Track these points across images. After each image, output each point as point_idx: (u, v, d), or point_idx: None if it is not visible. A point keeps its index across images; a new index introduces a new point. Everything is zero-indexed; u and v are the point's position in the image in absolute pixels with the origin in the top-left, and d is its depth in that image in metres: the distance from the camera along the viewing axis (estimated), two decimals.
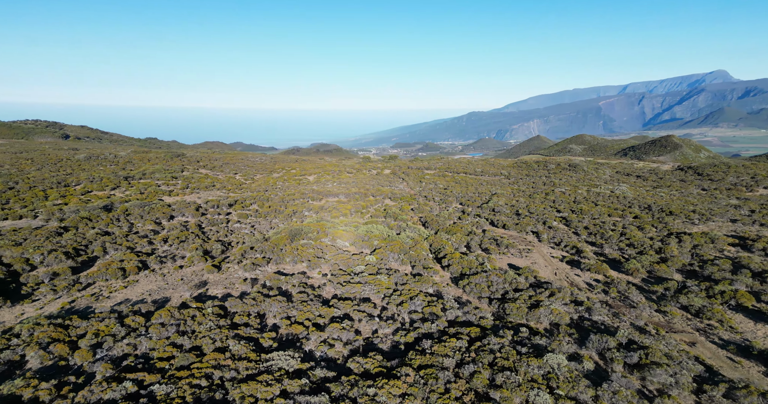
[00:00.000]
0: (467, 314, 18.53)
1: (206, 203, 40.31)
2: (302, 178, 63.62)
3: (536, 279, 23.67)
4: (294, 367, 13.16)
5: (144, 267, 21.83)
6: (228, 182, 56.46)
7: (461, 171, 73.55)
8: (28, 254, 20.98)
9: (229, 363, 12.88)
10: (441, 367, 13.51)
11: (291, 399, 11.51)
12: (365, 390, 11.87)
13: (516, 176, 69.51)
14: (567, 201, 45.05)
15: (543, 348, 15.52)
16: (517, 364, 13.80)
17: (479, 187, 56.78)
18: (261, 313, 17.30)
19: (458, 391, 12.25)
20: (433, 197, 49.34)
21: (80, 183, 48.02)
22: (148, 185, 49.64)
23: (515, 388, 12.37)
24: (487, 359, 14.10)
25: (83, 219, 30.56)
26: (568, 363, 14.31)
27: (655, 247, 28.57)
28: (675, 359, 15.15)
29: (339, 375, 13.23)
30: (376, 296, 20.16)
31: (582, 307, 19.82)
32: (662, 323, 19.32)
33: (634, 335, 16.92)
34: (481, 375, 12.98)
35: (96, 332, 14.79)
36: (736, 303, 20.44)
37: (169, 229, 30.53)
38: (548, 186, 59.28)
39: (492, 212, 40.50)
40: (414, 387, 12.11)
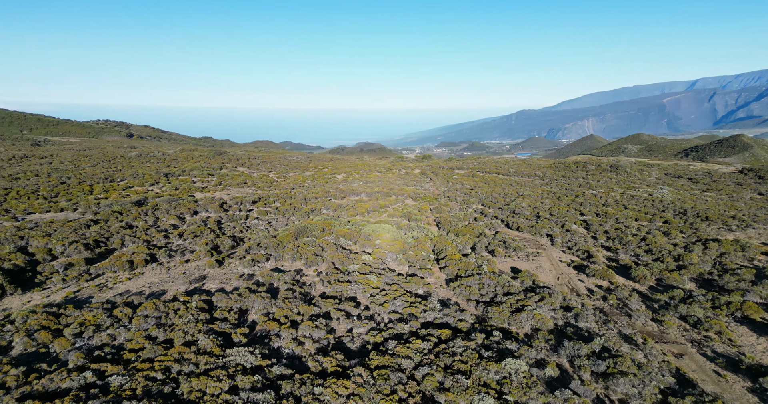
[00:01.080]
0: (447, 316, 18.28)
1: (232, 200, 42.08)
2: (331, 177, 64.74)
3: (534, 283, 23.09)
4: (253, 363, 13.55)
5: (152, 260, 23.23)
6: (260, 180, 58.50)
7: (494, 171, 71.77)
8: (52, 245, 23.01)
9: (191, 357, 13.47)
10: (397, 368, 13.45)
11: (237, 395, 11.85)
12: (312, 389, 12.03)
13: (551, 177, 66.82)
14: (596, 204, 42.87)
15: (509, 353, 15.20)
16: (473, 368, 13.54)
17: (507, 188, 55.20)
18: (244, 309, 17.91)
19: (404, 393, 12.19)
20: (455, 197, 48.60)
21: (124, 179, 51.75)
22: (183, 181, 52.60)
23: (462, 392, 12.15)
24: (445, 362, 13.93)
25: (114, 213, 32.96)
26: (528, 369, 14.03)
27: (674, 254, 26.98)
28: (645, 369, 14.44)
29: (297, 372, 13.45)
30: (363, 295, 20.30)
31: (570, 313, 19.22)
32: (654, 332, 18.46)
33: (609, 343, 16.34)
34: (432, 378, 12.83)
35: (82, 322, 15.52)
36: (742, 315, 19.16)
37: (189, 224, 32.22)
38: (583, 188, 56.64)
39: (512, 213, 39.33)
40: (362, 388, 12.15)
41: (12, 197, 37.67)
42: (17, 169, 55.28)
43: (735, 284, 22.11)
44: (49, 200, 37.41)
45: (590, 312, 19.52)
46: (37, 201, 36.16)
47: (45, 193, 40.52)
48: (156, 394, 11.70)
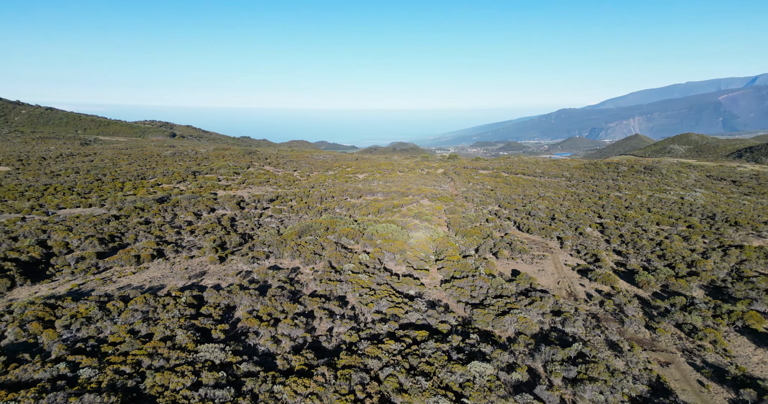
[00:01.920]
0: (430, 317, 18.17)
1: (251, 198, 43.35)
2: (353, 176, 65.33)
3: (531, 287, 22.77)
4: (223, 360, 13.90)
5: (159, 255, 24.33)
6: (283, 179, 59.86)
7: (519, 172, 70.10)
8: (69, 239, 24.58)
9: (164, 351, 13.88)
10: (362, 369, 13.52)
11: (196, 391, 12.20)
12: (272, 387, 12.27)
13: (578, 178, 64.50)
14: (618, 206, 41.16)
15: (481, 356, 15.13)
16: (437, 370, 13.43)
17: (529, 189, 53.82)
18: (232, 305, 18.44)
19: (362, 394, 12.24)
20: (473, 198, 47.94)
21: (155, 177, 54.39)
22: (209, 179, 54.63)
23: (418, 394, 12.11)
24: (412, 363, 13.90)
25: (136, 209, 34.76)
26: (495, 372, 13.95)
27: (688, 260, 25.80)
28: (617, 376, 14.07)
29: (264, 370, 13.74)
30: (352, 294, 20.46)
31: (559, 318, 18.84)
32: (645, 340, 17.93)
33: (587, 349, 15.91)
34: (394, 379, 12.83)
35: (74, 314, 16.15)
36: (743, 325, 18.31)
37: (204, 221, 33.49)
38: (611, 190, 54.34)
39: (527, 215, 38.37)
40: (321, 387, 12.30)
41: (50, 192, 40.47)
42: (61, 166, 59.31)
43: (745, 292, 21.02)
44: (81, 196, 39.89)
45: (581, 318, 19.05)
46: (71, 197, 38.66)
47: (80, 189, 43.28)
48: (120, 388, 12.06)
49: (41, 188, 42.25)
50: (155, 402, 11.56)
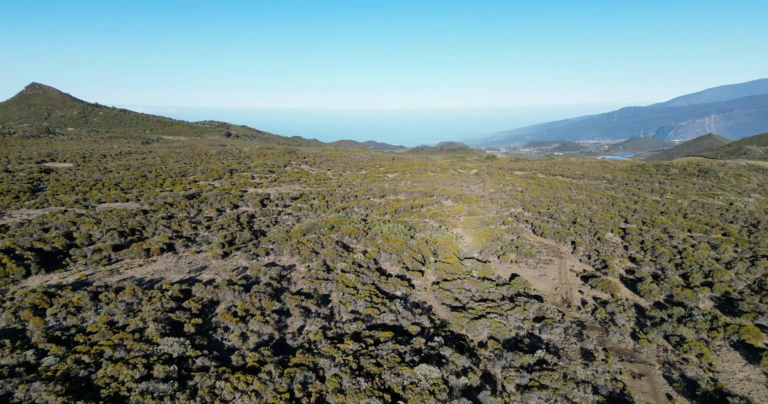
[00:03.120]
0: (404, 319, 18.11)
1: (276, 196, 44.87)
2: (383, 176, 65.67)
3: (523, 291, 22.19)
4: (182, 354, 14.41)
5: (169, 249, 25.88)
6: (314, 178, 61.35)
7: (558, 174, 67.11)
8: (93, 231, 26.86)
9: (129, 343, 14.48)
10: (311, 368, 13.74)
11: (140, 383, 12.56)
12: (214, 383, 12.71)
13: (621, 181, 60.65)
14: (651, 211, 38.54)
15: (437, 359, 14.97)
16: (383, 372, 13.30)
17: (561, 191, 51.46)
18: (215, 300, 19.25)
19: (300, 393, 12.42)
20: (498, 199, 46.62)
21: (195, 174, 57.81)
22: (244, 177, 57.12)
23: (354, 395, 12.17)
24: (362, 363, 13.91)
25: (165, 204, 37.20)
26: (443, 375, 13.74)
27: (706, 270, 24.12)
28: (569, 385, 13.53)
29: (220, 365, 14.15)
30: (336, 293, 20.77)
31: (539, 324, 18.31)
32: (626, 350, 17.22)
33: (548, 356, 15.41)
34: (337, 379, 12.95)
35: (66, 303, 16.90)
36: (738, 339, 17.13)
37: (224, 217, 35.18)
38: (654, 193, 50.59)
39: (549, 218, 36.88)
40: (262, 385, 12.61)
41: (97, 187, 44.30)
42: (116, 163, 64.64)
43: (755, 305, 19.50)
44: (123, 191, 43.30)
45: (564, 325, 18.39)
46: (113, 192, 42.07)
47: (124, 185, 46.98)
48: (72, 377, 12.64)
49: (91, 183, 46.36)
50: (99, 392, 12.15)
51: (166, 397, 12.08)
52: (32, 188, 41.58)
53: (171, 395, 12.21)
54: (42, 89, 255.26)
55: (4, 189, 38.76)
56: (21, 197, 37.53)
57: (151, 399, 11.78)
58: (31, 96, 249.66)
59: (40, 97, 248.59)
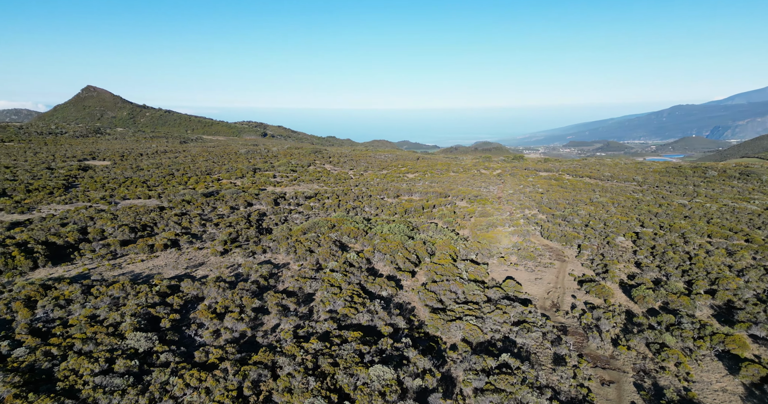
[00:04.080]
0: (380, 319, 18.22)
1: (292, 194, 45.81)
2: (403, 176, 65.59)
3: (512, 295, 21.85)
4: (148, 348, 14.85)
5: (173, 245, 27.01)
6: (335, 177, 62.08)
7: (585, 175, 64.64)
8: (106, 226, 28.46)
9: (100, 337, 14.84)
10: (269, 366, 13.95)
11: (97, 377, 12.79)
12: (168, 378, 13.05)
13: (652, 183, 57.58)
14: (674, 215, 36.53)
15: (399, 359, 14.96)
16: (337, 372, 13.34)
17: (583, 193, 49.60)
18: (200, 296, 19.83)
19: (249, 391, 12.65)
20: (515, 201, 45.51)
21: (219, 172, 59.94)
22: (265, 176, 58.62)
23: (300, 394, 12.29)
24: (319, 363, 13.98)
25: (182, 202, 38.84)
26: (398, 376, 13.71)
27: (712, 277, 22.94)
28: (523, 390, 13.27)
29: (182, 361, 14.39)
30: (320, 292, 20.96)
31: (518, 328, 17.99)
32: (602, 356, 16.74)
33: (511, 360, 15.13)
34: (288, 378, 13.13)
35: (58, 296, 17.46)
36: (723, 350, 16.42)
37: (236, 214, 36.29)
38: (686, 196, 47.69)
39: (562, 221, 35.69)
40: (214, 382, 12.91)
41: (125, 185, 46.85)
42: (149, 162, 68.07)
43: (752, 315, 18.46)
44: (148, 189, 45.53)
45: (544, 329, 18.03)
46: (139, 189, 44.34)
47: (152, 182, 49.39)
48: (36, 370, 12.99)
49: (121, 180, 49.10)
50: (56, 384, 12.50)
51: (117, 392, 12.32)
52: (66, 185, 44.55)
53: (123, 390, 12.43)
54: (96, 92, 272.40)
55: (40, 185, 41.77)
56: (54, 193, 40.30)
57: (102, 394, 12.16)
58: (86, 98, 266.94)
59: (94, 99, 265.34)
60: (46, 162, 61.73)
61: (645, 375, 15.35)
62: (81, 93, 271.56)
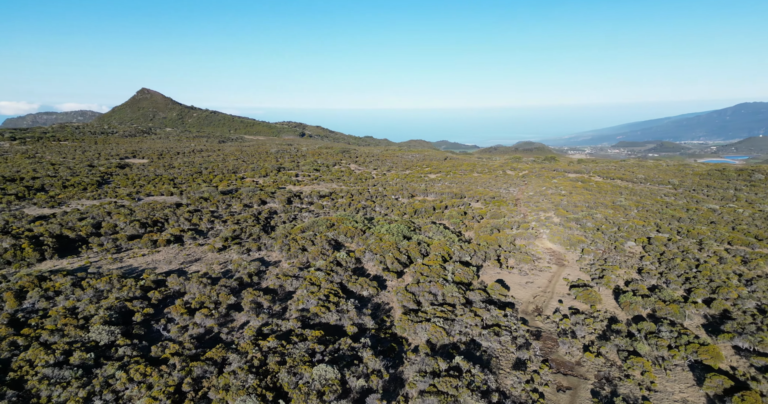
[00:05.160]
0: (348, 319, 18.40)
1: (308, 193, 46.72)
2: (425, 176, 65.15)
3: (495, 298, 21.48)
4: (107, 341, 15.28)
5: (176, 241, 28.24)
6: (355, 176, 62.62)
7: (617, 177, 61.60)
8: (118, 221, 30.27)
9: (67, 329, 15.25)
10: (217, 363, 14.31)
11: (48, 369, 13.16)
12: (113, 372, 13.41)
13: (689, 186, 53.95)
14: (699, 220, 34.11)
15: (347, 359, 15.02)
16: (281, 369, 13.55)
17: (608, 196, 47.45)
18: (181, 291, 20.35)
19: (188, 387, 12.94)
20: (532, 203, 44.21)
21: (245, 171, 62.07)
22: (287, 175, 60.11)
23: (236, 392, 12.47)
24: (269, 360, 14.17)
25: (200, 199, 40.60)
26: (341, 376, 13.76)
27: (713, 286, 21.65)
28: (464, 393, 13.14)
29: (139, 356, 14.70)
30: (300, 291, 21.25)
31: (486, 331, 17.69)
32: (568, 362, 16.32)
33: (462, 363, 14.97)
34: (230, 376, 13.32)
35: (48, 287, 18.11)
36: (695, 360, 15.75)
37: (247, 212, 37.49)
38: (723, 201, 44.29)
39: (576, 223, 34.30)
40: (157, 377, 13.21)
41: (154, 182, 49.57)
42: (182, 160, 71.63)
43: (739, 326, 17.48)
44: (173, 186, 47.91)
45: (516, 333, 17.67)
46: (164, 186, 46.77)
47: (179, 180, 51.98)
48: None
49: (151, 177, 52.02)
50: (7, 375, 12.85)
51: (60, 384, 12.61)
52: (100, 182, 47.76)
53: (67, 382, 12.73)
54: (149, 94, 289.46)
55: (76, 182, 45.05)
56: (88, 189, 43.35)
57: (47, 385, 12.62)
58: (140, 100, 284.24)
59: (148, 100, 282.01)
60: (90, 160, 66.44)
61: (607, 383, 14.86)
62: (136, 95, 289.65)
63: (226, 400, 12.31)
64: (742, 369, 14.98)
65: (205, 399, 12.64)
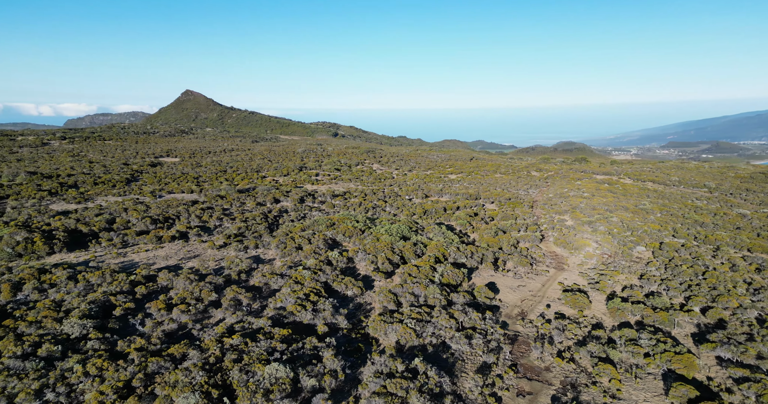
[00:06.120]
0: (322, 318, 18.51)
1: (323, 192, 47.31)
2: (445, 176, 64.45)
3: (481, 301, 21.18)
4: (79, 334, 15.60)
5: (181, 237, 29.30)
6: (375, 176, 62.80)
7: (649, 179, 58.40)
8: (132, 218, 31.83)
9: (45, 321, 15.71)
10: (176, 359, 14.62)
11: (13, 359, 13.54)
12: (72, 366, 13.77)
13: (727, 190, 50.30)
14: (724, 226, 32.21)
15: (307, 358, 15.14)
16: (233, 367, 13.78)
17: (632, 199, 45.42)
18: (169, 287, 20.92)
19: (138, 382, 13.14)
20: (549, 205, 42.84)
21: (268, 170, 63.65)
22: (309, 174, 61.09)
23: (182, 388, 12.75)
24: (224, 358, 14.43)
25: (216, 197, 42.02)
26: (290, 375, 13.81)
27: (714, 294, 20.53)
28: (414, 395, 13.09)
29: (104, 350, 15.07)
30: (284, 289, 21.54)
31: (459, 333, 17.41)
32: (537, 367, 15.98)
33: (420, 366, 14.92)
34: (182, 372, 13.57)
35: (45, 280, 18.60)
36: (668, 368, 15.21)
37: (258, 210, 38.45)
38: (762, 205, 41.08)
39: (588, 226, 32.99)
40: (110, 372, 13.54)
41: (178, 180, 51.75)
42: (210, 159, 74.39)
43: (725, 336, 16.75)
44: (196, 184, 49.85)
45: (490, 337, 17.44)
46: (187, 184, 48.70)
47: (203, 178, 54.01)
48: None
49: (177, 176, 54.36)
50: None
51: (18, 376, 12.87)
52: (129, 179, 50.44)
53: (26, 374, 12.96)
54: (192, 95, 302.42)
55: (106, 179, 47.81)
56: (116, 186, 45.88)
57: (6, 377, 12.92)
58: (184, 101, 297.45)
59: (191, 102, 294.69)
60: (127, 158, 70.23)
61: (571, 389, 14.42)
62: (180, 97, 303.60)
63: (170, 396, 12.57)
64: (718, 380, 14.32)
65: (151, 395, 12.87)
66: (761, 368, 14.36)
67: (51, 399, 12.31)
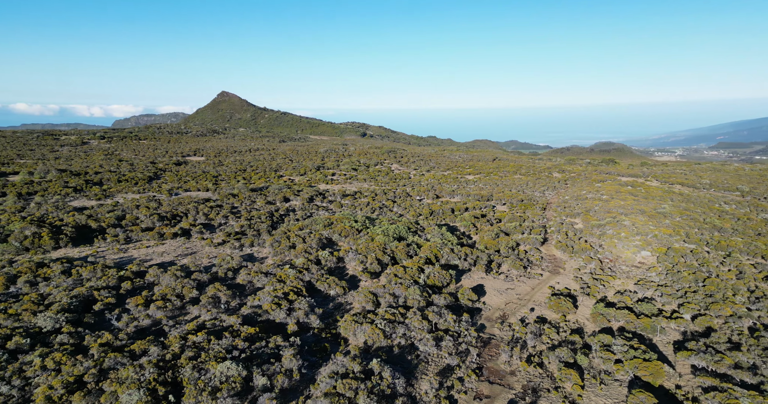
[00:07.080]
0: (295, 317, 18.52)
1: (335, 191, 47.73)
2: (462, 177, 63.52)
3: (464, 303, 20.88)
4: (52, 328, 16.06)
5: (183, 235, 30.19)
6: (391, 177, 62.73)
7: (678, 182, 55.45)
8: (140, 214, 33.15)
9: (24, 314, 16.34)
10: (136, 354, 14.96)
11: None
12: (33, 359, 13.99)
13: (762, 194, 46.65)
14: (744, 231, 30.45)
15: (264, 358, 15.21)
16: (187, 365, 14.05)
17: (652, 202, 43.01)
18: (155, 283, 21.59)
19: (90, 378, 13.38)
20: (562, 207, 41.58)
21: (286, 170, 64.81)
22: (325, 173, 61.72)
23: (129, 384, 13.04)
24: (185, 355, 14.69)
25: (228, 195, 43.18)
26: (241, 374, 13.91)
27: (708, 301, 19.65)
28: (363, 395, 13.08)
29: (70, 342, 15.25)
30: (267, 287, 21.79)
31: (430, 335, 17.22)
32: (502, 371, 15.72)
33: (376, 367, 14.84)
34: (136, 369, 13.80)
35: (40, 273, 19.41)
36: (634, 376, 14.85)
37: (265, 209, 39.24)
38: None
39: (597, 230, 31.69)
40: (66, 367, 13.78)
41: (198, 178, 53.50)
42: (233, 158, 76.47)
43: (704, 345, 16.11)
44: (213, 183, 51.40)
45: (460, 339, 17.28)
46: (204, 183, 50.27)
47: (222, 177, 55.64)
48: None
49: (197, 174, 56.24)
50: None
51: None
52: (152, 177, 52.64)
53: None
54: (228, 96, 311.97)
55: (129, 177, 50.11)
56: (138, 184, 48.01)
57: None
58: (220, 102, 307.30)
59: (226, 103, 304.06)
60: (155, 157, 73.41)
61: (531, 394, 14.12)
62: (216, 98, 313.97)
63: (116, 393, 12.88)
64: (687, 388, 13.78)
65: (99, 391, 13.08)
66: (734, 378, 13.63)
67: (4, 391, 12.68)
